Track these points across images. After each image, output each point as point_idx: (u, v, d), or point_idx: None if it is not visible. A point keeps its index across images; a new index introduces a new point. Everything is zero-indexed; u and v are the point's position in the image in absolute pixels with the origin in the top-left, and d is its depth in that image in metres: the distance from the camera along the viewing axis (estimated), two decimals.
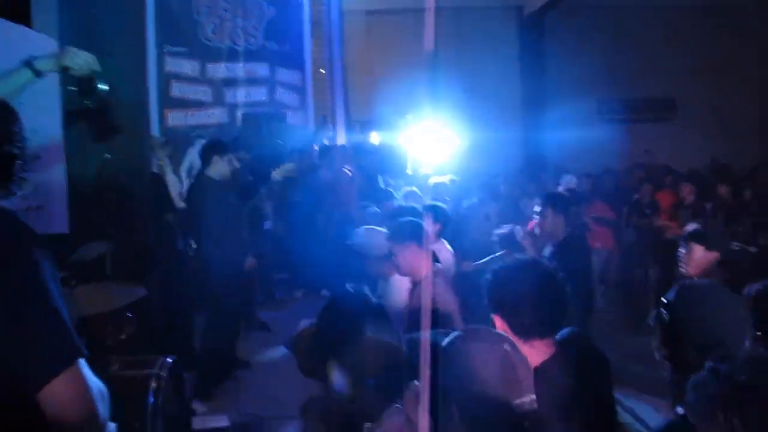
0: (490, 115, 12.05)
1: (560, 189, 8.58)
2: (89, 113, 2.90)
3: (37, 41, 3.73)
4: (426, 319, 2.48)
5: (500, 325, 2.24)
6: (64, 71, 2.75)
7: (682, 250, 3.97)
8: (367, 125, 10.86)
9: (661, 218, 8.30)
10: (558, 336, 2.29)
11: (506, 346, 1.77)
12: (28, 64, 2.59)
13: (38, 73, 2.61)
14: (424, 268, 3.53)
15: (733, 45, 13.93)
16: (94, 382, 1.57)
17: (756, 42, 14.24)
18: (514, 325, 2.20)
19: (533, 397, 1.70)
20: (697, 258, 3.88)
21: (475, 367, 1.69)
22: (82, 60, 2.75)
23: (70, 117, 3.22)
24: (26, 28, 3.79)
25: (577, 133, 12.49)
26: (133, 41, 5.47)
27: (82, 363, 1.55)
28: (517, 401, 1.68)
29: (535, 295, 2.22)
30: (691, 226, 4.40)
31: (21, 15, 3.85)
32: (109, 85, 5.08)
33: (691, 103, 14.17)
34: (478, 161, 10.94)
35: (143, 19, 5.65)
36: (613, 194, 9.30)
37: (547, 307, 2.23)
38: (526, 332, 2.19)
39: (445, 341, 1.79)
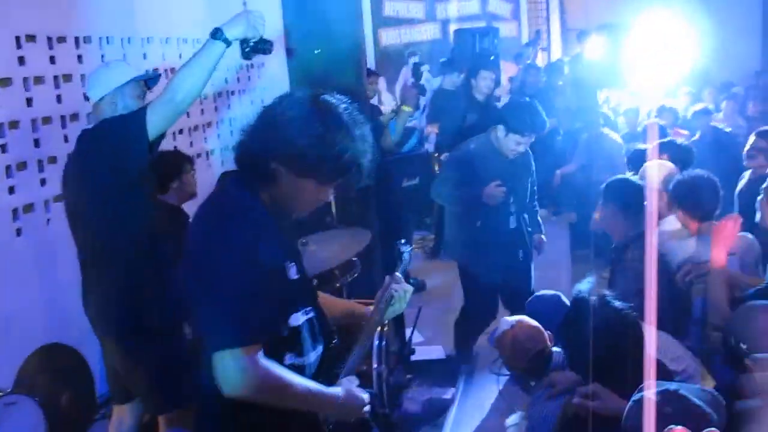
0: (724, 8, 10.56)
1: None
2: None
3: None
4: None
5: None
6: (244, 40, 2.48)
7: None
8: (584, 35, 10.11)
9: None
10: None
11: None
12: (218, 36, 2.44)
13: (229, 43, 2.46)
14: None
15: None
16: (268, 373, 1.71)
17: None
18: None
19: None
20: None
21: None
22: (261, 22, 2.47)
23: None
24: None
25: None
26: None
27: (251, 352, 1.69)
28: None
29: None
30: None
31: None
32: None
33: None
34: (710, 67, 9.78)
35: None
36: None
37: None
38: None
39: None
